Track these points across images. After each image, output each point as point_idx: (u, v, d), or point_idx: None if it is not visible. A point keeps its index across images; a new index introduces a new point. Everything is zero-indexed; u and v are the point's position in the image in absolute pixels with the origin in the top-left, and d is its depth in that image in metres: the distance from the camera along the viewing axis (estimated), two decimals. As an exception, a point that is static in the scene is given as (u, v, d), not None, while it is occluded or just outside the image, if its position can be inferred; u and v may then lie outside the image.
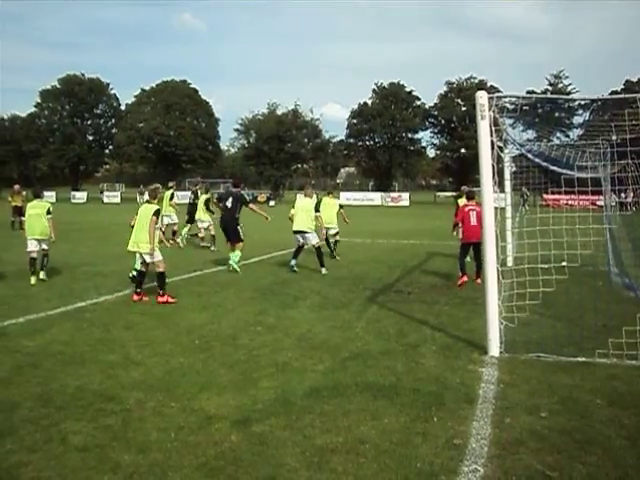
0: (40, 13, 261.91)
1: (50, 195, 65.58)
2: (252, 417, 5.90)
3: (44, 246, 13.94)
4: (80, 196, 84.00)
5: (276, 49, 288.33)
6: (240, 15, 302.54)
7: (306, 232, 15.60)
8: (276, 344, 8.58)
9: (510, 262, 14.39)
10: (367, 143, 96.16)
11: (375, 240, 24.75)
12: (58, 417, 5.94)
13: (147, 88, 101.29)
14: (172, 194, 22.39)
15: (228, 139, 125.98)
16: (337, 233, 18.67)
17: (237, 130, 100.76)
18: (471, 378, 7.12)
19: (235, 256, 15.26)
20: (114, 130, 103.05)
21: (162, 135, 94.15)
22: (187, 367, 7.53)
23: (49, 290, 12.71)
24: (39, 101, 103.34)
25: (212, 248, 20.10)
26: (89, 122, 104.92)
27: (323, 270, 15.35)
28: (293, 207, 16.16)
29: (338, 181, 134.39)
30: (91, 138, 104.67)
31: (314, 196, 16.92)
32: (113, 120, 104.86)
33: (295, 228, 15.77)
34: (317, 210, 16.56)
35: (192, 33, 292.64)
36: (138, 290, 11.78)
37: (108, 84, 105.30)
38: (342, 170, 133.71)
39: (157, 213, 11.66)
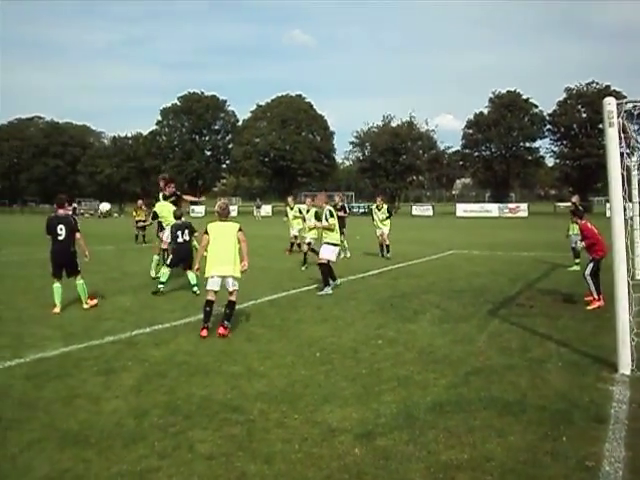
0: (159, 36, 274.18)
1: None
2: (375, 431, 5.89)
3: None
4: (199, 210, 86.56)
5: (388, 61, 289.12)
6: (349, 29, 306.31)
7: None
8: (397, 358, 8.52)
9: (640, 275, 13.78)
10: (483, 153, 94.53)
11: (494, 252, 24.28)
12: (185, 425, 6.11)
13: (262, 104, 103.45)
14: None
15: (342, 152, 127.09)
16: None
17: (352, 143, 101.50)
18: (601, 397, 6.83)
19: (192, 278, 14.10)
20: (231, 145, 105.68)
21: (278, 149, 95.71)
22: (309, 379, 7.58)
23: (173, 302, 13.12)
24: (160, 119, 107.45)
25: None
26: (207, 138, 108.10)
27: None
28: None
29: (454, 192, 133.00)
30: (209, 153, 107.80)
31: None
32: (230, 135, 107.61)
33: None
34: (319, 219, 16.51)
35: (303, 48, 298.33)
36: (208, 324, 10.14)
37: (225, 101, 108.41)
38: (457, 181, 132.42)
39: (241, 229, 10.38)
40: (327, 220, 14.50)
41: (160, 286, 14.02)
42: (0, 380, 7.71)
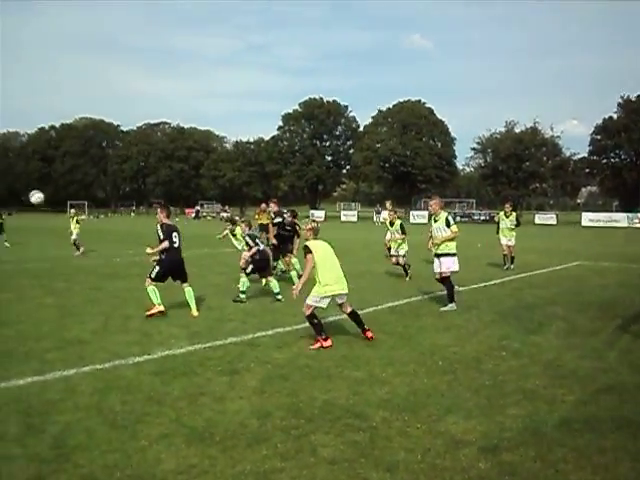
0: (279, 42, 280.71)
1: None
2: (500, 445, 5.73)
3: None
4: (319, 215, 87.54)
5: (509, 65, 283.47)
6: (469, 33, 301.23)
7: None
8: (522, 370, 8.29)
9: None
10: (612, 160, 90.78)
11: (623, 264, 23.21)
12: (308, 428, 6.17)
13: (383, 109, 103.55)
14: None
15: (464, 158, 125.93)
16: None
17: (473, 149, 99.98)
18: None
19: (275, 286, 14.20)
20: (351, 151, 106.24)
21: (398, 155, 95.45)
22: (431, 388, 7.49)
23: (294, 306, 13.16)
24: (281, 124, 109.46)
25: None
26: (328, 143, 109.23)
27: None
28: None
29: (578, 201, 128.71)
30: (329, 159, 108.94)
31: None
32: (351, 141, 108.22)
33: None
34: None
35: (422, 53, 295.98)
36: (324, 334, 9.81)
37: (346, 106, 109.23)
38: (583, 189, 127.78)
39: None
40: (448, 227, 13.20)
41: (277, 296, 13.96)
42: (130, 375, 8.04)
